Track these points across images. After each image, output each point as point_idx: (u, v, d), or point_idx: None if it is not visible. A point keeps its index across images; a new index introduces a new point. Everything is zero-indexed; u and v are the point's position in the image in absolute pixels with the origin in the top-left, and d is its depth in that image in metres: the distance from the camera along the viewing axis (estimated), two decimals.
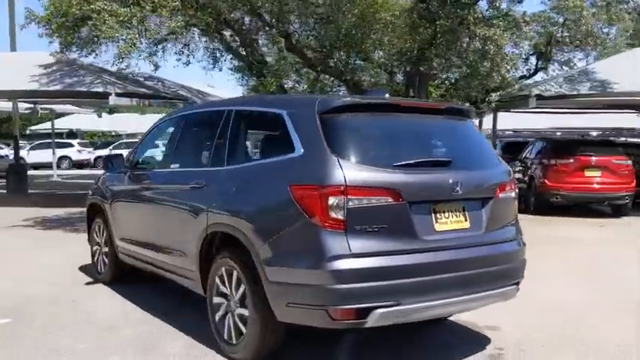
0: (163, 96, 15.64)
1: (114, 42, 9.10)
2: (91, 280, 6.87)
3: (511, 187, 4.50)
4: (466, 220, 4.15)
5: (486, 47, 10.04)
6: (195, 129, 5.54)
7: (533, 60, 14.44)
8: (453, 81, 13.79)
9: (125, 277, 6.58)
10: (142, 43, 9.45)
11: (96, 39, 9.11)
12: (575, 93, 12.48)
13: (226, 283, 4.44)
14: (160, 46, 10.56)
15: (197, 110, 6.00)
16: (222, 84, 31.48)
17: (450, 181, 4.05)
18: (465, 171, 4.23)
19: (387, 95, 4.57)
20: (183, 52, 12.47)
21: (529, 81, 14.22)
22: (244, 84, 19.99)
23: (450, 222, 4.06)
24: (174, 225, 5.11)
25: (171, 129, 5.80)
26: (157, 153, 6.54)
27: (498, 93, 14.58)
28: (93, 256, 6.97)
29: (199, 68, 40.79)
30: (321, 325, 3.87)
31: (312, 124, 3.97)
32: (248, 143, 4.80)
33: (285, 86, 15.00)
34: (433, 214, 4.00)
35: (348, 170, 3.74)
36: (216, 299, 4.57)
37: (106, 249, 6.61)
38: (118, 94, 13.27)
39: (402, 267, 3.80)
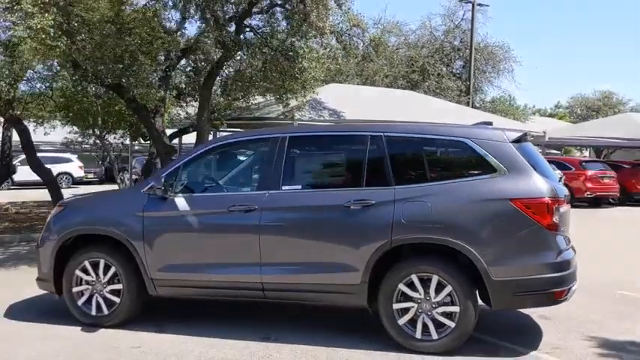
0: None
1: None
2: (78, 326, 5.78)
3: None
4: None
5: (302, 76, 11.56)
6: (317, 151, 5.60)
7: None
8: None
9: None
10: None
11: None
12: (322, 119, 15.00)
13: (418, 288, 5.06)
14: None
15: (315, 133, 5.91)
16: None
17: (566, 191, 5.71)
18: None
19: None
20: None
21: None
22: None
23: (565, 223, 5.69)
24: (325, 244, 5.22)
25: (263, 150, 5.62)
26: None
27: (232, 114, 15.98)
28: (74, 298, 5.84)
29: None
30: (542, 305, 5.12)
31: (509, 150, 5.09)
32: (422, 165, 5.35)
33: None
34: None
35: (554, 185, 5.06)
36: (400, 305, 5.10)
37: (115, 287, 5.75)
38: None
39: (572, 257, 5.26)
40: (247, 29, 12.25)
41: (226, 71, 13.05)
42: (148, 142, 19.33)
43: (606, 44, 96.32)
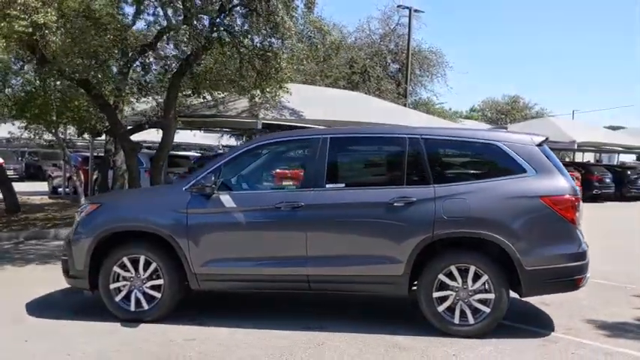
0: None
1: None
2: (115, 322, 5.85)
3: None
4: None
5: (278, 76, 11.92)
6: (358, 152, 5.93)
7: None
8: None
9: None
10: None
11: None
12: (284, 118, 15.31)
13: (457, 278, 5.54)
14: None
15: (355, 135, 6.23)
16: None
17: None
18: None
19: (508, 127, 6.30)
20: None
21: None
22: None
23: None
24: (369, 238, 5.59)
25: (307, 151, 5.90)
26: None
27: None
28: (111, 295, 5.90)
29: None
30: (566, 291, 5.73)
31: (536, 153, 5.67)
32: (457, 165, 5.83)
33: None
34: None
35: (574, 184, 5.69)
36: (440, 293, 5.58)
37: (155, 282, 5.87)
38: None
39: (588, 249, 5.86)
40: (221, 28, 12.32)
41: (196, 69, 13.03)
42: (96, 138, 18.90)
43: (517, 50, 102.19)
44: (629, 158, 45.48)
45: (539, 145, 5.78)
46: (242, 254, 5.79)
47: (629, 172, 28.08)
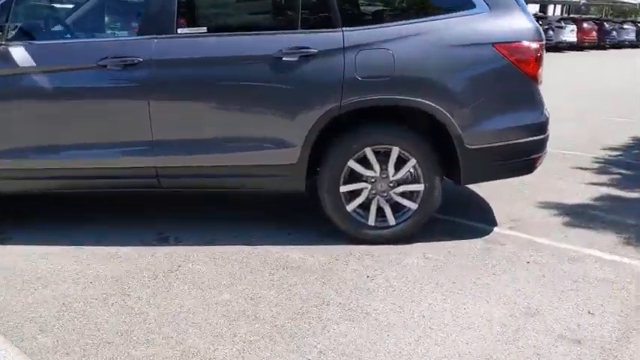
0: None
1: None
2: None
3: None
4: None
5: None
6: None
7: None
8: None
9: None
10: None
11: None
12: None
13: (373, 165, 3.89)
14: None
15: None
16: None
17: None
18: None
19: None
20: None
21: None
22: None
23: None
24: (246, 112, 3.76)
25: None
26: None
27: None
28: None
29: None
30: (518, 175, 4.21)
31: None
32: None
33: None
34: None
35: (538, 25, 3.98)
36: (349, 187, 3.94)
37: None
38: None
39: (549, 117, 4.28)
40: None
41: None
42: None
43: None
44: (532, 10, 44.86)
45: None
46: (53, 140, 3.82)
47: (540, 23, 27.16)
